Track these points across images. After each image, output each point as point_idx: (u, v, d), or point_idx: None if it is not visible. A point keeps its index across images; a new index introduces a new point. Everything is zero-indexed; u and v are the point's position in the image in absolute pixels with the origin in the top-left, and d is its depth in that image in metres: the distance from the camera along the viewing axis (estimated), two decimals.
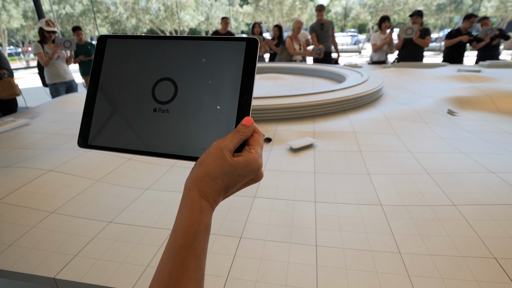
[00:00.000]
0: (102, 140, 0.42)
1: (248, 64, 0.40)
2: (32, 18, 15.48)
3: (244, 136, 0.37)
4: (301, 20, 4.45)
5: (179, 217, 0.35)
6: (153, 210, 1.08)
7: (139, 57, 0.43)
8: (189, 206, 0.35)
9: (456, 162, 1.37)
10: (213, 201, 0.36)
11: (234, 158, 0.36)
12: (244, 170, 0.36)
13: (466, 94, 2.54)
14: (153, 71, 0.42)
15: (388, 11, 17.00)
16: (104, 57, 0.44)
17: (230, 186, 0.36)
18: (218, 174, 0.35)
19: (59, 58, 3.49)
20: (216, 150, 0.35)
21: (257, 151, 0.37)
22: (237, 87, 0.40)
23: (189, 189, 0.36)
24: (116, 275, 0.79)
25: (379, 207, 1.06)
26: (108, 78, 0.43)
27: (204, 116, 0.40)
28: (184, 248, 0.33)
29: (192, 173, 0.36)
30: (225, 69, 0.40)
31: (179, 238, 0.33)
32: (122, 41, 0.44)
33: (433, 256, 0.83)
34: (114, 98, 0.42)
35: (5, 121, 2.07)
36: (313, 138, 1.67)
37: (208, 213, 0.35)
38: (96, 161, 1.42)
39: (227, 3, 20.18)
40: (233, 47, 0.41)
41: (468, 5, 16.60)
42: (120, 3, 17.07)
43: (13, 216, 1.02)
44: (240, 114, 0.39)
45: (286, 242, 0.90)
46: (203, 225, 0.34)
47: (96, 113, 0.43)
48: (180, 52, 0.42)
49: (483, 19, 4.28)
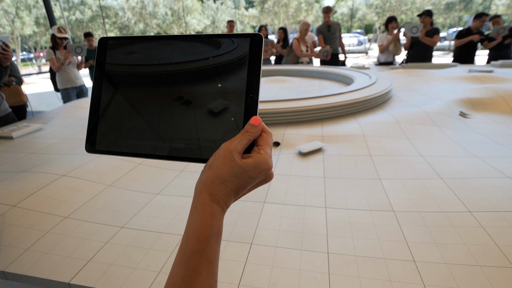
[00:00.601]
0: (109, 145, 0.41)
1: (253, 61, 0.38)
2: (44, 24, 15.84)
3: (252, 136, 0.37)
4: (308, 22, 4.45)
5: (190, 222, 0.35)
6: (164, 215, 1.09)
7: (143, 58, 0.42)
8: (200, 210, 0.34)
9: (470, 167, 1.34)
10: (224, 204, 0.35)
11: (244, 160, 0.35)
12: (254, 171, 0.35)
13: (478, 95, 2.49)
14: (158, 72, 0.41)
15: (395, 11, 16.84)
16: (107, 59, 0.43)
17: (240, 188, 0.36)
18: (228, 177, 0.35)
19: (70, 63, 3.56)
20: (225, 153, 0.35)
21: (266, 152, 0.37)
22: (243, 85, 0.38)
23: (200, 192, 0.36)
24: (129, 281, 0.80)
25: (392, 213, 1.04)
26: (112, 81, 0.42)
27: (211, 117, 0.39)
28: (196, 253, 0.33)
29: (202, 177, 0.36)
30: (229, 67, 0.39)
31: (191, 243, 0.33)
32: (124, 42, 0.43)
33: (449, 265, 0.81)
34: (119, 101, 0.42)
35: (20, 126, 2.11)
36: (322, 142, 1.66)
37: (219, 216, 0.35)
38: (107, 166, 1.43)
39: (232, 6, 20.30)
40: (236, 44, 0.39)
41: (478, 3, 16.32)
42: (128, 8, 17.35)
43: (29, 220, 1.04)
44: (248, 113, 0.38)
45: (297, 249, 0.90)
46: (215, 229, 0.34)
47: (102, 117, 0.42)
48: (183, 52, 0.41)
49: (495, 18, 4.20)
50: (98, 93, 0.42)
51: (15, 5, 14.71)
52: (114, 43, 0.43)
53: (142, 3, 17.34)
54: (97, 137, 0.42)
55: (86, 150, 0.43)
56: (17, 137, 1.94)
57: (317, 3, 19.50)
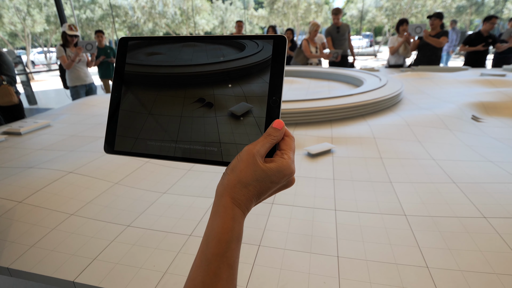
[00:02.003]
0: (128, 146, 0.41)
1: (276, 64, 0.38)
2: (54, 22, 16.08)
3: (275, 140, 0.36)
4: (318, 23, 4.42)
5: (211, 224, 0.34)
6: (171, 214, 1.08)
7: (164, 59, 0.41)
8: (221, 213, 0.34)
9: (484, 171, 1.30)
10: (245, 208, 0.35)
11: (267, 165, 0.35)
12: (277, 176, 0.35)
13: (491, 99, 2.43)
14: (179, 74, 0.40)
15: (405, 14, 16.67)
16: (127, 60, 0.42)
17: (262, 193, 0.35)
18: (250, 181, 0.34)
19: (80, 61, 3.59)
20: (248, 156, 0.35)
21: (289, 156, 0.36)
22: (266, 88, 0.38)
23: (221, 195, 0.35)
24: (134, 280, 0.79)
25: (403, 217, 1.01)
26: (132, 82, 0.42)
27: (233, 120, 0.38)
28: (217, 256, 0.32)
29: (224, 179, 0.35)
30: (252, 70, 0.39)
31: (212, 246, 0.33)
32: (145, 43, 0.42)
33: (464, 272, 0.78)
34: (139, 102, 0.41)
35: (28, 122, 2.13)
36: (331, 144, 1.63)
37: (240, 220, 0.34)
38: (114, 164, 1.43)
39: (241, 6, 20.33)
40: (259, 46, 0.39)
41: (490, 7, 16.06)
42: (138, 7, 17.51)
43: (35, 217, 1.04)
44: (270, 116, 0.37)
45: (307, 252, 0.87)
46: (236, 233, 0.34)
47: (121, 118, 0.42)
48: (206, 53, 0.40)
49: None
50: (117, 93, 0.42)
51: (27, 3, 14.94)
52: (134, 44, 0.43)
53: (152, 2, 17.49)
54: (116, 137, 0.42)
55: (104, 150, 0.42)
56: (25, 133, 1.95)
57: (327, 4, 19.42)
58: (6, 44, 15.59)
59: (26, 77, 6.09)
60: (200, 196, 1.19)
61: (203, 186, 1.27)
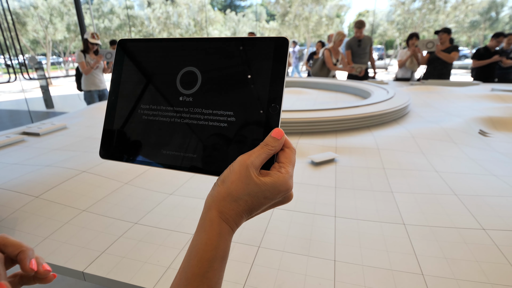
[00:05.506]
0: (121, 152, 0.40)
1: (276, 68, 0.35)
2: (74, 31, 16.76)
3: (273, 150, 0.33)
4: (344, 32, 4.17)
5: (195, 239, 0.32)
6: (176, 214, 1.12)
7: (162, 60, 0.39)
8: (207, 227, 0.31)
9: (486, 184, 1.30)
10: (234, 223, 0.32)
11: (261, 178, 0.32)
12: (271, 192, 0.32)
13: (500, 114, 2.42)
14: (176, 75, 0.38)
15: (417, 28, 16.69)
16: (124, 62, 0.41)
17: (254, 208, 0.33)
18: (241, 194, 0.31)
19: (97, 68, 3.76)
20: (241, 167, 0.32)
21: (287, 171, 0.33)
22: (265, 94, 0.35)
23: (209, 208, 0.33)
24: (139, 273, 0.83)
25: (402, 226, 1.03)
26: (129, 86, 0.40)
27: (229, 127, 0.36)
28: (197, 276, 0.30)
29: (214, 191, 0.34)
30: (250, 74, 0.36)
31: (192, 265, 0.30)
32: (144, 44, 0.40)
33: (459, 280, 0.79)
34: (135, 107, 0.40)
35: (46, 124, 2.24)
36: (335, 153, 1.66)
37: (227, 237, 0.32)
38: (125, 165, 1.49)
39: (254, 18, 20.74)
40: (259, 48, 0.36)
41: (504, 22, 15.94)
42: (154, 18, 18.11)
43: (49, 211, 1.10)
44: (268, 125, 0.34)
45: (304, 255, 0.90)
46: (220, 252, 0.31)
47: (117, 123, 0.41)
48: (204, 55, 0.38)
49: None
50: (114, 97, 0.41)
51: (49, 12, 15.67)
52: (134, 45, 0.41)
53: (167, 13, 18.07)
54: (112, 143, 0.41)
55: (100, 155, 0.42)
56: (43, 134, 2.06)
57: (338, 18, 19.62)
58: (28, 50, 16.28)
59: (46, 82, 6.34)
60: (204, 199, 1.23)
61: (208, 189, 1.31)
